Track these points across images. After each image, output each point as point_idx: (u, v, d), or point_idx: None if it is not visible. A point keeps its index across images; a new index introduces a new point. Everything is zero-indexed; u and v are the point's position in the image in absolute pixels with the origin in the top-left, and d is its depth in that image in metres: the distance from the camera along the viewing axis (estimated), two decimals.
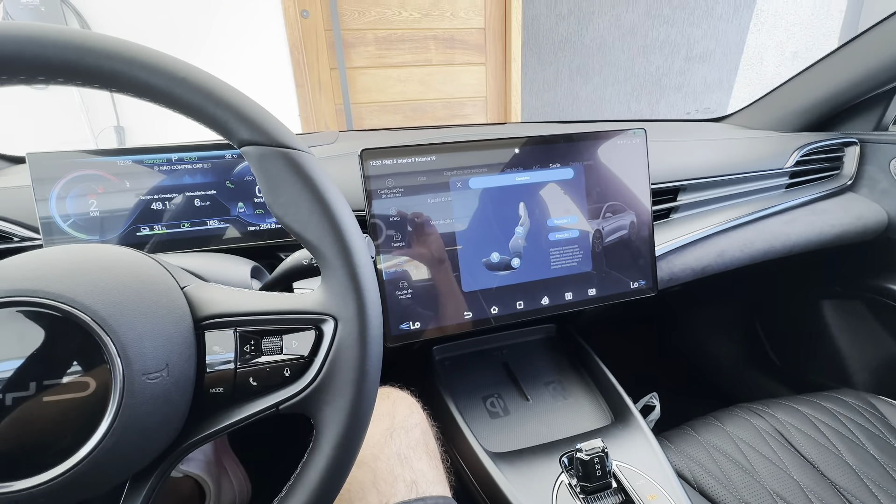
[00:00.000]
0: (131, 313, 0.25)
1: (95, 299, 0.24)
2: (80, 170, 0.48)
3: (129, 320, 0.25)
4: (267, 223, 0.53)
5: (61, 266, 0.26)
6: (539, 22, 2.31)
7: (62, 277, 0.25)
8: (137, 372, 0.24)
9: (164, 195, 0.50)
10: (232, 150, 0.51)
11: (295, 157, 0.27)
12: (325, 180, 0.28)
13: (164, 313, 0.27)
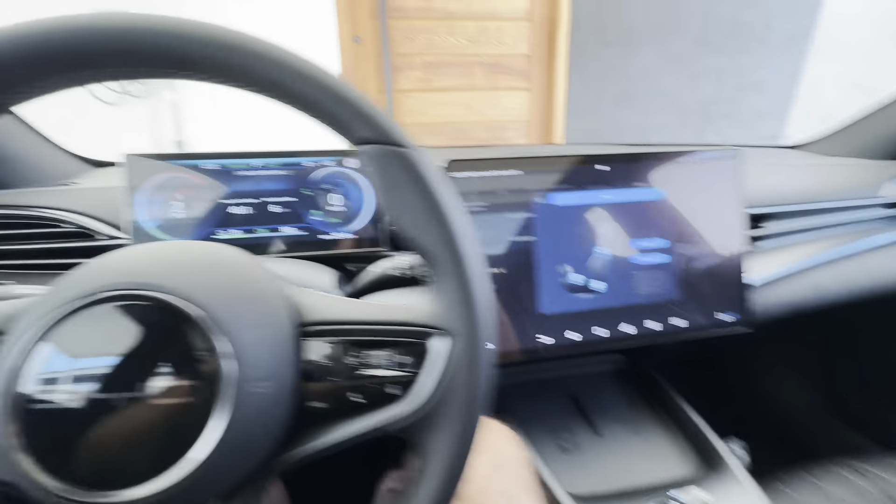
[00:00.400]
0: (244, 315, 0.24)
1: (210, 298, 0.23)
2: (168, 172, 0.48)
3: (242, 322, 0.23)
4: (338, 232, 0.52)
5: (175, 262, 0.25)
6: (585, 49, 2.32)
7: (176, 273, 0.24)
8: (247, 379, 0.23)
9: (242, 200, 0.50)
10: (310, 157, 0.51)
11: (413, 158, 0.26)
12: (444, 184, 0.26)
13: (271, 316, 0.25)
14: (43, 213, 0.50)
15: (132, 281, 0.23)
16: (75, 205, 0.51)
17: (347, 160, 0.52)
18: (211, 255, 0.26)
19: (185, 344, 0.22)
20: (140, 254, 0.25)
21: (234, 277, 0.25)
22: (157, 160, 0.48)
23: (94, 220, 0.51)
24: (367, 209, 0.52)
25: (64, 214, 0.50)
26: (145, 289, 0.23)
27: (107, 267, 0.24)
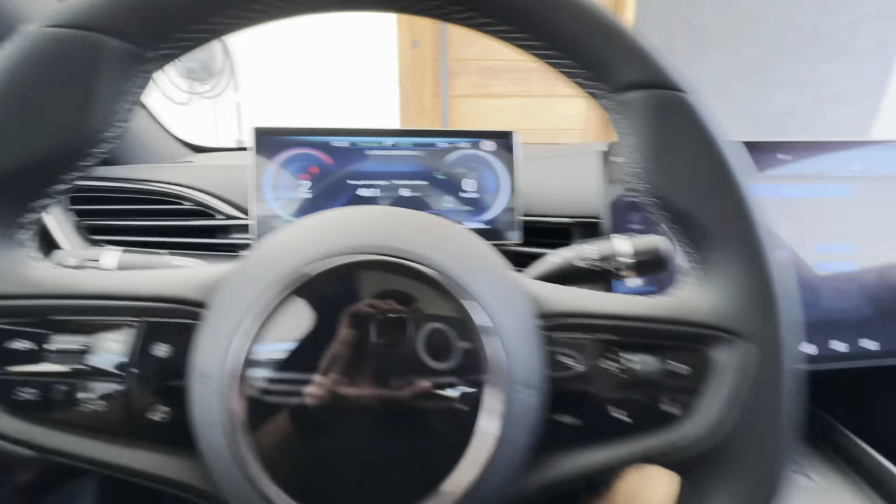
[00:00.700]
0: (497, 292, 0.19)
1: (469, 276, 0.18)
2: (297, 148, 0.45)
3: (502, 309, 0.18)
4: (472, 221, 0.47)
5: (415, 229, 0.20)
6: None
7: (412, 238, 0.19)
8: (516, 382, 0.18)
9: (372, 181, 0.46)
10: (445, 137, 0.47)
11: (697, 106, 0.21)
12: (730, 142, 0.21)
13: (518, 301, 0.20)
14: (167, 189, 0.48)
15: (366, 244, 0.18)
16: (196, 182, 0.49)
17: (484, 142, 0.47)
18: (434, 221, 0.21)
19: (442, 324, 0.17)
20: (355, 217, 0.21)
21: (474, 248, 0.21)
22: (285, 135, 0.45)
23: (214, 199, 0.48)
24: (502, 197, 0.47)
25: (186, 191, 0.48)
26: (385, 253, 0.18)
27: (321, 233, 0.20)
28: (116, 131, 0.20)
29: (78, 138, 0.19)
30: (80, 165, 0.20)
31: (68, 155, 0.19)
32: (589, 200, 0.47)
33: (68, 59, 0.18)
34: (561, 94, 2.31)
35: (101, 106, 0.19)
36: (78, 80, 0.18)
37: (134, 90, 0.20)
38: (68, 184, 0.20)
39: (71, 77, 0.18)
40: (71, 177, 0.20)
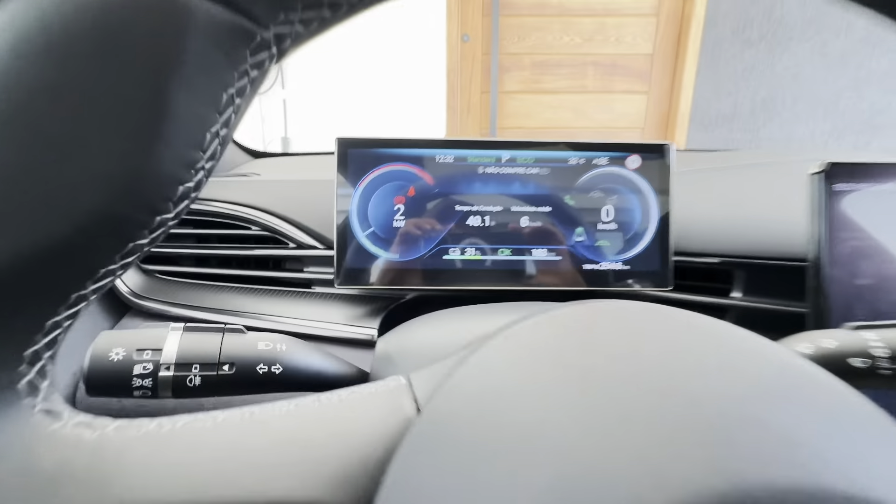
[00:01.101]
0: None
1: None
2: (390, 163, 0.36)
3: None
4: (611, 261, 0.36)
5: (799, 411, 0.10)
6: (721, 48, 2.04)
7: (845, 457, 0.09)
8: None
9: (485, 207, 0.36)
10: (579, 151, 0.36)
11: None
12: None
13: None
14: (231, 211, 0.40)
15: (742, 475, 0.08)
16: (264, 200, 0.40)
17: (631, 158, 0.36)
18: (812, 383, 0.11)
19: None
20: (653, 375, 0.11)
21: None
22: (375, 148, 0.36)
23: (286, 223, 0.40)
24: (650, 229, 0.36)
25: (253, 213, 0.40)
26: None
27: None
28: (214, 155, 0.11)
29: (153, 174, 0.10)
30: (159, 221, 0.10)
31: (136, 206, 0.10)
32: (771, 234, 0.36)
33: (132, 34, 0.09)
34: (619, 89, 2.16)
35: (191, 112, 0.10)
36: (149, 66, 0.09)
37: (242, 86, 0.11)
38: (125, 263, 0.11)
39: (136, 60, 0.09)
40: (139, 244, 0.11)
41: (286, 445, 0.12)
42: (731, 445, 0.09)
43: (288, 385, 0.20)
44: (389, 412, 0.12)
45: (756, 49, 2.00)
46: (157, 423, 0.12)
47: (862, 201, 0.30)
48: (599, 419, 0.09)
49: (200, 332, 0.19)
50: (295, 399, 0.14)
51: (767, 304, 0.36)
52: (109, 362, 0.18)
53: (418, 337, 0.22)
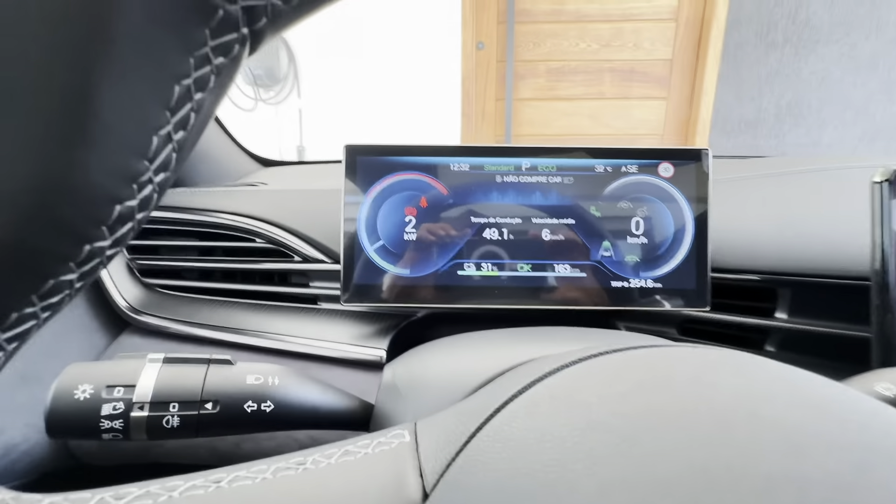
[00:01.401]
0: None
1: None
2: (402, 172, 0.33)
3: None
4: (640, 278, 0.33)
5: None
6: (744, 52, 2.00)
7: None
8: None
9: (503, 219, 0.33)
10: (606, 159, 0.33)
11: None
12: None
13: None
14: (235, 223, 0.38)
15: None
16: (270, 212, 0.38)
17: (664, 165, 0.33)
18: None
19: None
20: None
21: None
22: (385, 155, 0.34)
23: (292, 236, 0.38)
24: (684, 244, 0.33)
25: (258, 225, 0.38)
26: None
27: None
28: (167, 165, 0.09)
29: (74, 190, 0.08)
30: (89, 251, 0.08)
31: (51, 233, 0.08)
32: (820, 249, 0.32)
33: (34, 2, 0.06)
34: (638, 96, 2.12)
35: (127, 108, 0.07)
36: (61, 46, 0.07)
37: (203, 77, 0.08)
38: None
39: (41, 36, 0.07)
40: (62, 280, 0.08)
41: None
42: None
43: (279, 424, 0.18)
44: (390, 491, 0.09)
45: (781, 52, 1.94)
46: (98, 500, 0.09)
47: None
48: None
49: (181, 364, 0.17)
50: (275, 462, 0.11)
51: (817, 326, 0.32)
52: (74, 401, 0.15)
53: (428, 367, 0.19)
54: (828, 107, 1.98)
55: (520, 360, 0.16)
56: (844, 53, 1.93)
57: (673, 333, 0.36)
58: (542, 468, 0.08)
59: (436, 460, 0.10)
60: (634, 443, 0.08)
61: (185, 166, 0.46)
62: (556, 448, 0.08)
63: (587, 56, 2.04)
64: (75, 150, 0.07)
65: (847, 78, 1.96)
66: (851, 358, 0.32)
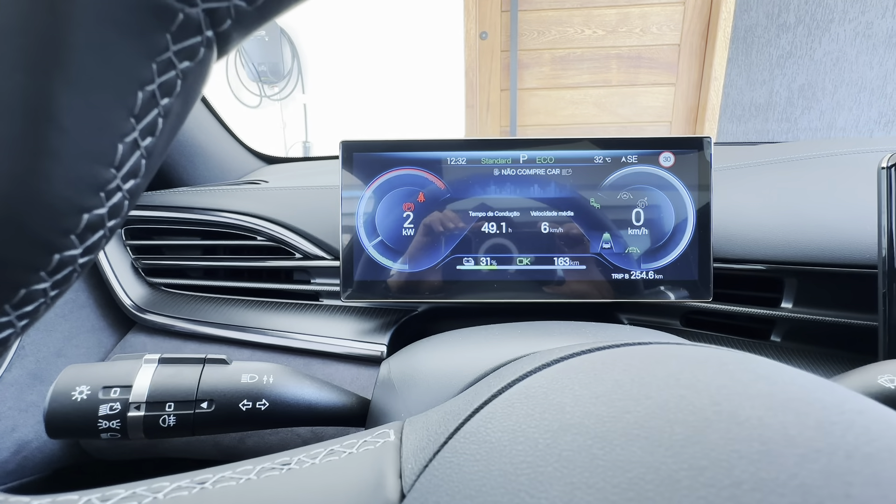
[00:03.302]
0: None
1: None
2: (400, 167, 0.33)
3: None
4: (642, 270, 0.33)
5: None
6: (754, 34, 1.95)
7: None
8: None
9: (501, 212, 0.33)
10: (606, 150, 0.33)
11: None
12: None
13: None
14: (237, 221, 0.38)
15: None
16: (271, 210, 0.39)
17: (664, 155, 0.33)
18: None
19: None
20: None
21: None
22: (382, 151, 0.34)
23: (293, 234, 0.38)
24: (686, 234, 0.33)
25: (259, 223, 0.38)
26: None
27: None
28: (136, 172, 0.09)
29: (37, 201, 0.08)
30: (59, 260, 0.08)
31: (18, 243, 0.08)
32: (827, 237, 0.31)
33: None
34: (645, 82, 2.09)
35: (88, 116, 0.07)
36: (16, 53, 0.07)
37: (168, 83, 0.08)
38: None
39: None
40: (35, 290, 0.08)
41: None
42: None
43: (276, 422, 0.18)
44: (369, 492, 0.10)
45: (793, 33, 1.89)
46: (84, 501, 0.10)
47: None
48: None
49: (177, 364, 0.17)
50: (261, 462, 0.11)
51: (824, 316, 0.32)
52: (72, 402, 0.16)
53: (423, 364, 0.20)
54: (842, 89, 1.93)
55: (512, 356, 0.16)
56: (860, 32, 1.87)
57: (676, 325, 0.36)
58: (513, 470, 0.08)
59: (415, 461, 0.10)
60: (605, 445, 0.08)
61: (188, 166, 0.46)
62: (528, 450, 0.08)
63: (593, 43, 2.00)
64: (36, 160, 0.07)
65: (862, 58, 1.90)
66: (859, 348, 0.31)
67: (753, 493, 0.06)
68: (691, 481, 0.07)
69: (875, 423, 0.08)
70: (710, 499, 0.06)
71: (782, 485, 0.07)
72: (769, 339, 0.34)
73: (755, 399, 0.08)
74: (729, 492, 0.06)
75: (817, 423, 0.08)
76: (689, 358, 0.10)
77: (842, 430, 0.08)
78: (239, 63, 1.90)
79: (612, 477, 0.07)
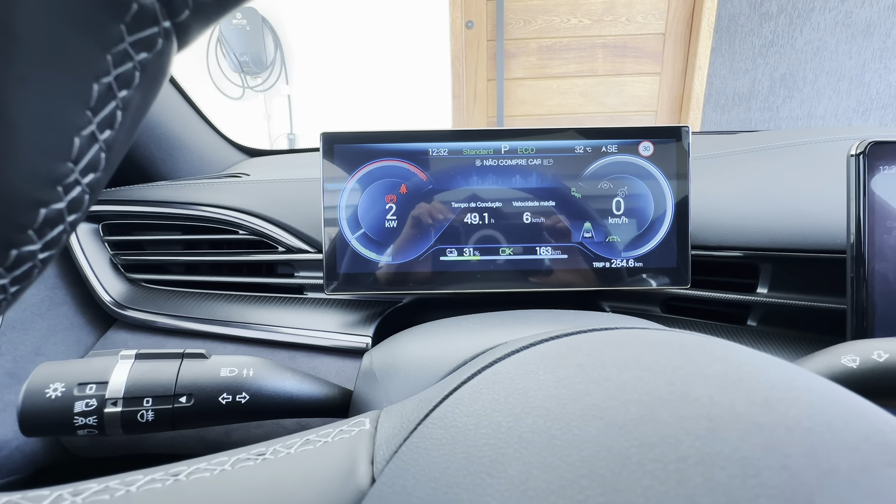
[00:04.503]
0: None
1: None
2: (381, 159, 0.33)
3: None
4: (622, 258, 0.33)
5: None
6: (738, 23, 1.97)
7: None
8: None
9: (483, 203, 0.33)
10: (586, 140, 0.33)
11: None
12: None
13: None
14: (217, 215, 0.37)
15: None
16: (253, 203, 0.38)
17: (644, 144, 0.33)
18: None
19: None
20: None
21: None
22: (363, 143, 0.33)
23: (275, 227, 0.37)
24: (665, 223, 0.33)
25: (240, 217, 0.38)
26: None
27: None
28: (96, 166, 0.08)
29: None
30: (16, 255, 0.08)
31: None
32: (800, 223, 0.32)
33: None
34: (630, 72, 2.09)
35: (41, 109, 0.07)
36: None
37: (126, 74, 0.08)
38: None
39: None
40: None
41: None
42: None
43: (257, 414, 0.18)
44: (341, 479, 0.10)
45: (775, 22, 1.91)
46: (55, 497, 0.10)
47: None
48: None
49: (154, 359, 0.17)
50: (236, 453, 0.11)
51: (798, 300, 0.33)
52: (46, 400, 0.15)
53: (403, 354, 0.20)
54: (822, 77, 1.96)
55: (491, 344, 0.16)
56: (840, 21, 1.90)
57: (657, 312, 0.36)
58: (475, 452, 0.08)
59: (387, 447, 0.10)
60: (563, 426, 0.08)
61: (166, 159, 0.46)
62: (491, 433, 0.08)
63: (579, 32, 2.00)
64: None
65: (842, 47, 1.93)
66: (830, 330, 0.33)
67: (697, 467, 0.07)
68: (641, 457, 0.07)
69: (819, 398, 0.08)
70: (657, 473, 0.07)
71: (725, 458, 0.07)
72: (746, 324, 0.35)
73: (708, 379, 0.09)
74: (675, 466, 0.07)
75: (764, 401, 0.08)
76: (650, 341, 0.10)
77: (786, 407, 0.08)
78: (220, 53, 1.85)
79: (567, 456, 0.07)
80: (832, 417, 0.08)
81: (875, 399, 0.18)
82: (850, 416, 0.08)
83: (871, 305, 0.27)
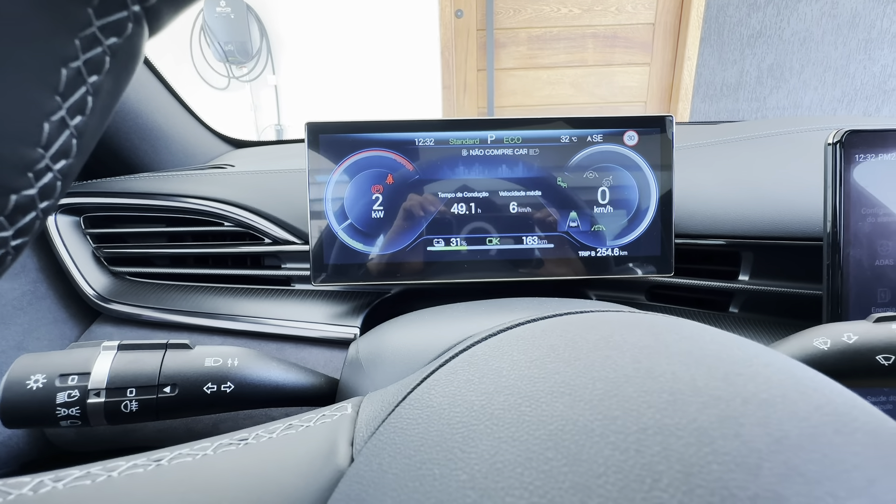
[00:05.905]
0: None
1: None
2: (368, 149, 0.33)
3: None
4: (608, 246, 0.34)
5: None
6: (726, 13, 1.97)
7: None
8: None
9: (470, 193, 0.33)
10: (572, 130, 0.33)
11: None
12: None
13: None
14: (202, 207, 0.37)
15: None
16: (238, 195, 0.38)
17: (629, 134, 0.33)
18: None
19: None
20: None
21: None
22: (348, 132, 0.33)
23: (261, 219, 0.37)
24: (649, 211, 0.34)
25: (225, 209, 0.37)
26: None
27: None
28: (67, 152, 0.08)
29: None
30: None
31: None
32: (781, 212, 0.33)
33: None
34: (620, 62, 2.09)
35: (8, 95, 0.07)
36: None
37: (95, 59, 0.08)
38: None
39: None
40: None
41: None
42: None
43: (242, 403, 0.18)
44: (321, 460, 0.10)
45: (763, 13, 1.92)
46: (36, 483, 0.10)
47: (883, 174, 0.27)
48: (562, 494, 0.07)
49: (137, 350, 0.17)
50: (219, 439, 0.11)
51: (778, 287, 0.34)
52: (27, 391, 0.15)
53: (388, 343, 0.20)
54: (809, 68, 1.98)
55: (474, 331, 0.17)
56: (826, 12, 1.92)
57: (642, 300, 0.37)
58: (449, 430, 0.08)
59: (366, 429, 0.10)
60: (532, 403, 0.08)
61: (149, 150, 0.45)
62: (465, 412, 0.09)
63: (569, 22, 1.99)
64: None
65: (828, 38, 1.95)
66: (808, 315, 0.33)
67: (655, 437, 0.07)
68: (604, 429, 0.07)
69: (778, 373, 0.09)
70: (617, 443, 0.07)
71: (682, 428, 0.07)
72: (728, 311, 0.35)
73: (673, 357, 0.09)
74: (635, 437, 0.07)
75: (724, 375, 0.08)
76: (621, 322, 0.11)
77: (744, 381, 0.08)
78: (204, 42, 1.81)
79: (535, 430, 0.08)
80: (788, 390, 0.08)
81: (845, 379, 0.19)
82: (805, 389, 0.08)
83: (846, 291, 0.28)
